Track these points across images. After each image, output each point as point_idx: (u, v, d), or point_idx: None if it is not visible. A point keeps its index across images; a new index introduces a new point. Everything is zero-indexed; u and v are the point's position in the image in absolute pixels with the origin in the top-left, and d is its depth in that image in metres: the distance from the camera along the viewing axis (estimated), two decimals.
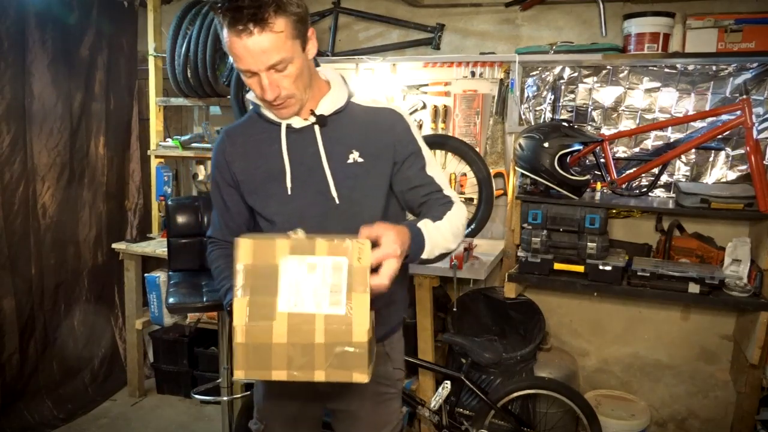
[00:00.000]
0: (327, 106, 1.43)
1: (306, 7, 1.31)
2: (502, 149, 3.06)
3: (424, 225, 1.33)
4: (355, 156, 1.42)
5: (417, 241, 1.29)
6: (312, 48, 1.34)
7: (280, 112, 1.39)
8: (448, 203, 1.44)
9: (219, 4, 1.23)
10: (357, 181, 1.43)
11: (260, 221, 1.51)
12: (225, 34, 1.24)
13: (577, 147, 2.62)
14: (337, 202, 1.42)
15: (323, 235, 1.14)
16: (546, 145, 2.57)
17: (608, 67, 2.82)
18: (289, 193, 1.43)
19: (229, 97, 3.22)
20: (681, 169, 2.79)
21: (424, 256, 1.33)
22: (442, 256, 1.41)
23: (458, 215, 1.43)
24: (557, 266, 2.66)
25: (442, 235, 1.36)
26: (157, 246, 3.27)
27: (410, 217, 1.53)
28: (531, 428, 2.62)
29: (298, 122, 1.42)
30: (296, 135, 1.43)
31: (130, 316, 3.42)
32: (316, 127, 1.42)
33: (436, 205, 1.45)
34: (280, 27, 1.23)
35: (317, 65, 1.50)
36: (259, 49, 1.23)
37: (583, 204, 2.62)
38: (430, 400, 2.53)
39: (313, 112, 1.42)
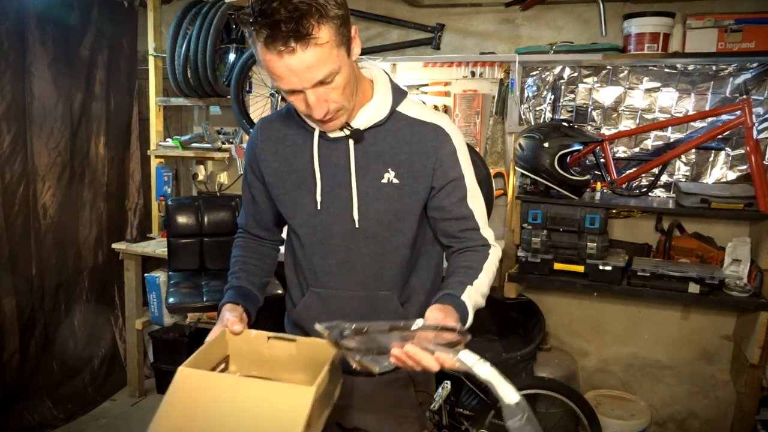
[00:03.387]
0: (365, 118, 1.28)
1: (346, 4, 1.14)
2: (502, 149, 3.06)
3: (468, 296, 1.24)
4: (390, 176, 1.29)
5: (461, 317, 1.20)
6: (357, 48, 1.19)
7: (327, 126, 1.24)
8: (484, 248, 1.34)
9: (251, 19, 1.06)
10: (389, 203, 1.30)
11: (288, 227, 1.43)
12: (260, 51, 1.08)
13: (577, 147, 2.62)
14: (357, 225, 1.30)
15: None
16: (546, 145, 2.57)
17: (608, 67, 2.82)
18: (318, 207, 1.32)
19: (229, 97, 3.23)
20: (681, 169, 2.79)
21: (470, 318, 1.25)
22: None
23: (494, 263, 1.35)
24: (557, 266, 2.66)
25: (482, 293, 1.30)
26: (157, 246, 3.27)
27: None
28: None
29: (333, 132, 1.29)
30: (330, 144, 1.30)
31: (130, 316, 3.42)
32: (350, 141, 1.28)
33: (471, 250, 1.34)
34: (324, 37, 1.07)
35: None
36: (303, 67, 1.08)
37: (583, 204, 2.62)
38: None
39: (348, 125, 1.27)
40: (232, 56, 3.33)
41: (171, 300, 2.54)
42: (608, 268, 2.57)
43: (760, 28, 2.46)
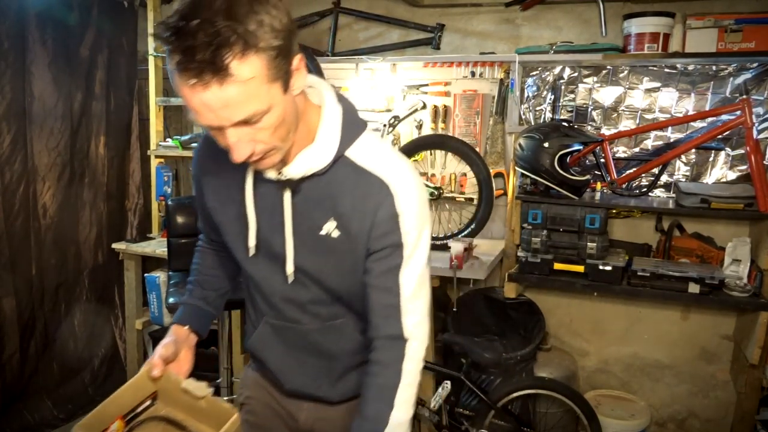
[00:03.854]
0: (301, 167, 1.08)
1: (290, 27, 0.94)
2: (502, 149, 3.06)
3: None
4: (330, 227, 1.11)
5: None
6: (300, 80, 0.99)
7: (256, 165, 1.05)
8: (398, 344, 1.12)
9: (165, 35, 0.88)
10: (329, 258, 1.14)
11: None
12: (173, 75, 0.91)
13: (577, 147, 2.62)
14: (290, 281, 1.17)
15: None
16: (546, 145, 2.56)
17: (608, 67, 2.82)
18: (250, 255, 1.18)
19: None
20: (681, 169, 2.79)
21: None
22: None
23: (411, 372, 1.14)
24: (557, 266, 2.66)
25: (400, 424, 1.13)
26: (157, 246, 3.27)
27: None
28: (531, 428, 2.61)
29: (268, 172, 1.10)
30: (266, 183, 1.12)
31: (130, 316, 3.42)
32: (286, 190, 1.11)
33: (381, 345, 1.13)
34: (248, 73, 0.88)
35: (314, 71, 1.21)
36: (220, 104, 0.90)
37: (583, 204, 2.62)
38: (430, 400, 2.53)
39: (281, 172, 1.09)
40: None
41: (171, 300, 2.54)
42: (608, 268, 2.57)
43: (760, 28, 2.46)
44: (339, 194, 1.10)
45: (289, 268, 1.16)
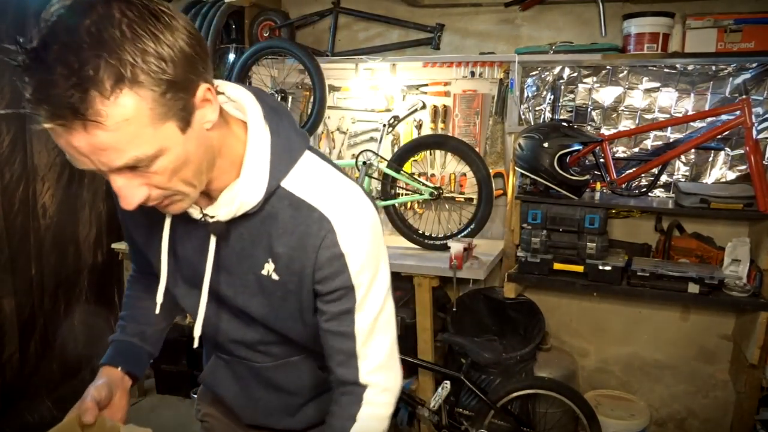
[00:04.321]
0: (228, 207, 0.91)
1: (189, 53, 0.76)
2: (502, 149, 3.06)
3: None
4: (270, 268, 0.97)
5: None
6: (209, 113, 0.82)
7: (162, 210, 0.89)
8: (353, 392, 1.00)
9: (17, 59, 0.71)
10: (273, 300, 1.00)
11: None
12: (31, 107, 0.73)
13: (576, 147, 2.62)
14: (196, 344, 1.02)
15: None
16: (546, 145, 2.57)
17: (608, 67, 2.82)
18: (157, 311, 1.03)
19: None
20: (680, 169, 2.79)
21: None
22: None
23: (370, 420, 1.00)
24: (557, 266, 2.66)
25: None
26: None
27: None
28: (531, 428, 2.62)
29: (195, 212, 0.94)
30: (192, 225, 0.97)
31: None
32: (212, 236, 0.96)
33: (339, 393, 1.02)
34: (124, 114, 0.71)
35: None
36: (92, 149, 0.73)
37: (583, 204, 2.62)
38: (430, 400, 2.53)
39: (205, 215, 0.93)
40: (231, 56, 3.34)
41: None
42: (608, 268, 2.57)
43: (759, 28, 2.46)
44: (275, 233, 0.94)
45: (197, 330, 1.01)
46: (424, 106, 3.18)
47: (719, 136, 2.55)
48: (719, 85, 2.66)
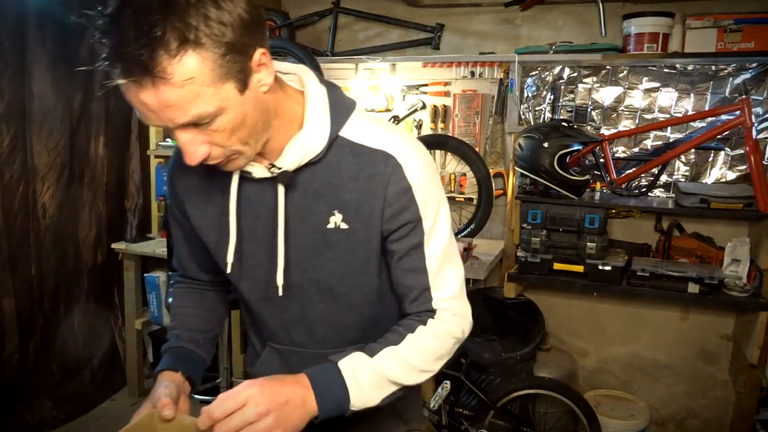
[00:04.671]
0: (294, 156, 0.97)
1: (247, 19, 0.83)
2: (502, 149, 3.06)
3: (352, 369, 0.95)
4: (337, 220, 1.01)
5: (327, 393, 0.94)
6: (265, 76, 0.89)
7: (222, 168, 0.95)
8: (425, 316, 1.04)
9: (95, 22, 0.78)
10: (339, 253, 1.03)
11: None
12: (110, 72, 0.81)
13: (576, 147, 2.62)
14: (280, 293, 1.05)
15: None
16: (546, 145, 2.57)
17: (608, 67, 2.82)
18: (228, 270, 1.06)
19: None
20: (680, 169, 2.79)
21: (355, 408, 0.96)
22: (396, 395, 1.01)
23: (432, 338, 1.02)
24: (557, 266, 2.66)
25: (382, 371, 0.97)
26: (156, 246, 3.27)
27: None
28: (530, 428, 2.62)
29: (259, 171, 1.00)
30: (256, 185, 1.02)
31: (130, 316, 3.42)
32: (280, 186, 1.00)
33: (411, 318, 1.04)
34: (188, 73, 0.78)
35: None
36: (159, 105, 0.81)
37: (583, 204, 2.62)
38: (430, 400, 2.53)
39: (273, 165, 0.99)
40: None
41: (171, 300, 2.54)
42: (608, 268, 2.57)
43: (759, 28, 2.46)
44: (340, 181, 0.99)
45: (280, 278, 1.04)
46: (424, 106, 3.18)
47: (719, 136, 2.55)
48: (719, 85, 2.66)
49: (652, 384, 3.00)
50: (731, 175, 2.71)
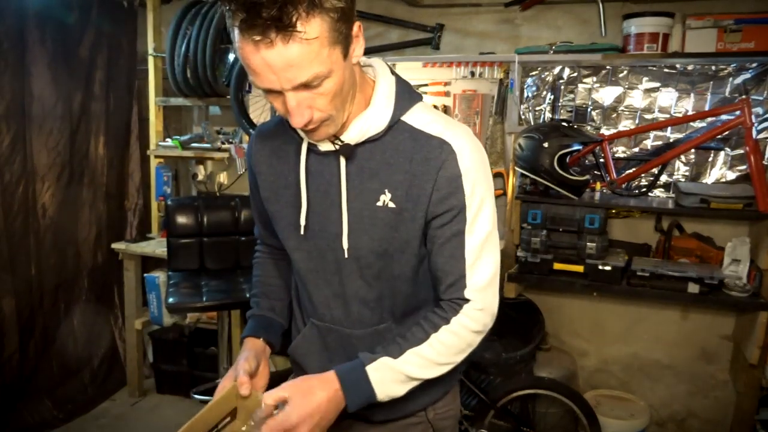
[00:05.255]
0: (357, 132, 1.08)
1: None
2: (502, 149, 3.06)
3: (375, 368, 1.07)
4: (386, 198, 1.08)
5: (355, 391, 1.06)
6: (359, 49, 1.01)
7: (310, 135, 1.06)
8: (457, 305, 1.10)
9: None
10: (384, 231, 1.10)
11: None
12: (236, 36, 0.92)
13: (576, 147, 2.62)
14: (346, 255, 1.13)
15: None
16: (545, 145, 2.57)
17: (608, 67, 2.82)
18: (302, 232, 1.16)
19: (228, 97, 3.23)
20: (680, 169, 2.79)
21: (379, 399, 1.08)
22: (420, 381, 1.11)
23: (455, 337, 1.10)
24: (557, 266, 2.66)
25: (405, 371, 1.08)
26: (156, 246, 3.27)
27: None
28: (530, 428, 2.62)
29: (323, 144, 1.11)
30: (320, 158, 1.13)
31: (130, 316, 3.42)
32: (341, 157, 1.10)
33: (441, 307, 1.12)
34: (314, 32, 0.89)
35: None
36: (283, 64, 0.90)
37: (583, 204, 2.62)
38: None
39: (337, 138, 1.08)
40: (231, 56, 3.33)
41: (171, 300, 2.54)
42: (608, 268, 2.57)
43: (759, 28, 2.46)
44: (395, 163, 1.08)
45: (345, 241, 1.12)
46: None
47: (719, 136, 2.55)
48: (719, 85, 2.66)
49: (652, 384, 3.00)
50: (731, 175, 2.71)
